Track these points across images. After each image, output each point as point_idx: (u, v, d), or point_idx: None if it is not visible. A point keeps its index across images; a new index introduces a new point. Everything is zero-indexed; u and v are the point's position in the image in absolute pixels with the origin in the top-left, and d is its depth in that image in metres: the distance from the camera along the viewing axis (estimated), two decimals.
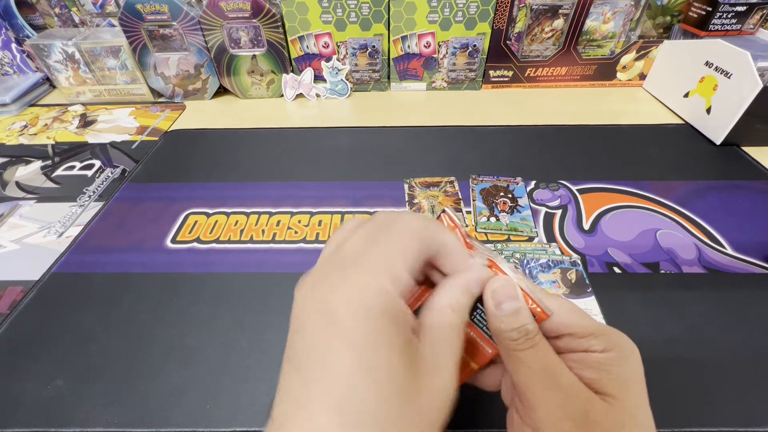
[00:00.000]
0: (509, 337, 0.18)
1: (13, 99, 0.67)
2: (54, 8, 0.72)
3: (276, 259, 0.41)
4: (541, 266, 0.38)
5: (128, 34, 0.63)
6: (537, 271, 0.38)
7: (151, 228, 0.45)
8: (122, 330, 0.35)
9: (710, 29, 0.61)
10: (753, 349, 0.33)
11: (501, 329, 0.18)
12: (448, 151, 0.56)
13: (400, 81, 0.72)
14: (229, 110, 0.69)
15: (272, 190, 0.50)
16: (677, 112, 0.63)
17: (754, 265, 0.39)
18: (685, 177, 0.50)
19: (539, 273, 0.38)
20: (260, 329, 0.35)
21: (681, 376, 0.31)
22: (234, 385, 0.31)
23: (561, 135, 0.59)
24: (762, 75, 0.49)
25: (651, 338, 0.33)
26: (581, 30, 0.65)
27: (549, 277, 0.37)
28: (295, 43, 0.66)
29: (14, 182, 0.53)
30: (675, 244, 0.41)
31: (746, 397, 0.30)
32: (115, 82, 0.69)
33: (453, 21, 0.63)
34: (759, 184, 0.49)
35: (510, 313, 0.18)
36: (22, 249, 0.44)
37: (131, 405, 0.30)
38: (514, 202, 0.47)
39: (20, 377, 0.32)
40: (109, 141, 0.61)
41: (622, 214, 0.45)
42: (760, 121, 0.52)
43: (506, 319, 0.18)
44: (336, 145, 0.58)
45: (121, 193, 0.50)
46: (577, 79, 0.71)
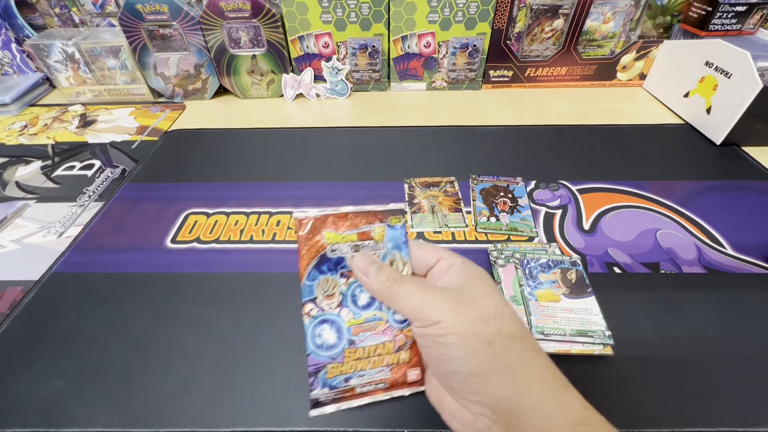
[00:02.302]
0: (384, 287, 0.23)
1: (13, 99, 0.67)
2: (54, 8, 0.72)
3: (276, 259, 0.41)
4: (541, 266, 0.38)
5: (128, 34, 0.63)
6: (537, 271, 0.38)
7: (151, 228, 0.45)
8: (122, 330, 0.35)
9: (710, 29, 0.61)
10: (753, 349, 0.33)
11: (376, 288, 0.24)
12: (448, 151, 0.56)
13: (400, 81, 0.71)
14: (229, 110, 0.69)
15: (272, 190, 0.50)
16: (677, 112, 0.63)
17: (754, 265, 0.39)
18: (685, 177, 0.50)
19: (539, 273, 0.38)
20: (260, 329, 0.35)
21: (681, 376, 0.31)
22: (234, 385, 0.31)
23: (561, 135, 0.59)
24: (762, 75, 0.49)
25: (651, 338, 0.33)
26: (581, 30, 0.65)
27: (549, 277, 0.37)
28: (295, 43, 0.66)
29: (14, 182, 0.53)
30: (675, 244, 0.41)
31: (746, 397, 0.30)
32: (115, 82, 0.69)
33: (453, 21, 0.63)
34: (759, 184, 0.49)
35: (374, 273, 0.24)
36: (22, 249, 0.44)
37: (131, 405, 0.30)
38: (514, 202, 0.47)
39: (20, 377, 0.32)
40: (109, 141, 0.61)
41: (622, 214, 0.45)
42: (760, 121, 0.52)
43: (376, 278, 0.24)
44: (336, 145, 0.58)
45: (121, 193, 0.50)
46: (577, 79, 0.71)
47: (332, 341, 0.25)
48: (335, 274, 0.25)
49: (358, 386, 0.25)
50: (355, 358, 0.25)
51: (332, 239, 0.25)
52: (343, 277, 0.25)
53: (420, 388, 0.26)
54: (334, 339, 0.25)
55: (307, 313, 0.25)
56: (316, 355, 0.25)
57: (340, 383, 0.25)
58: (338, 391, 0.25)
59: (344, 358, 0.25)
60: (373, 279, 0.24)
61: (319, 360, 0.25)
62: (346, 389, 0.25)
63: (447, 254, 0.25)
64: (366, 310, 0.26)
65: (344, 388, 0.25)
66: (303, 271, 0.25)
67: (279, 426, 0.29)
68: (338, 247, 0.25)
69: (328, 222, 0.25)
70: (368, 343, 0.25)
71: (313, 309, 0.25)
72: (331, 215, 0.24)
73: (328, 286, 0.25)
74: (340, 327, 0.25)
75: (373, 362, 0.25)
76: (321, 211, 0.24)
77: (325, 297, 0.25)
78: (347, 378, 0.25)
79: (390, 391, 0.26)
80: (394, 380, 0.26)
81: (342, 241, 0.25)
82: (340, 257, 0.25)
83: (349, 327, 0.25)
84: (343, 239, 0.25)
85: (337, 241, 0.25)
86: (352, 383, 0.25)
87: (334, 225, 0.25)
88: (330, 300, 0.25)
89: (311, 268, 0.25)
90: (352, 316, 0.25)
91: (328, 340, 0.25)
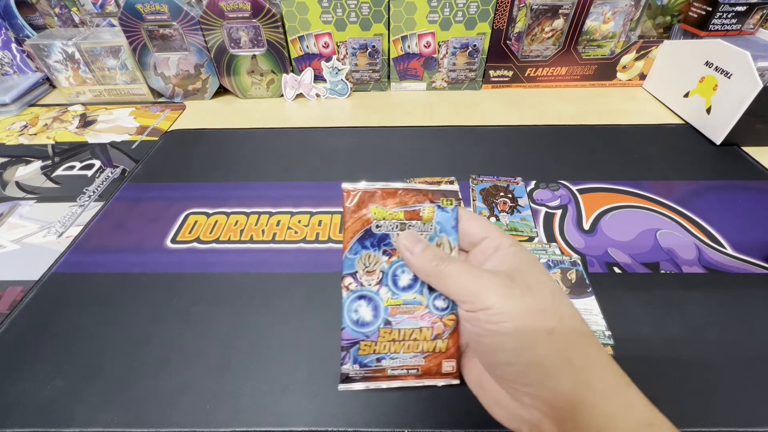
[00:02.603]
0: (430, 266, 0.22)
1: (13, 99, 0.67)
2: (54, 8, 0.72)
3: (276, 259, 0.41)
4: None
5: (128, 34, 0.63)
6: None
7: (151, 228, 0.45)
8: (122, 330, 0.35)
9: (710, 29, 0.61)
10: (753, 349, 0.33)
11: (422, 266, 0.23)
12: (448, 151, 0.56)
13: (400, 81, 0.71)
14: (229, 110, 0.69)
15: (272, 190, 0.50)
16: (677, 112, 0.63)
17: (754, 265, 0.39)
18: (685, 177, 0.50)
19: None
20: (260, 329, 0.35)
21: (681, 376, 0.31)
22: (234, 385, 0.31)
23: (561, 135, 0.59)
24: (762, 75, 0.49)
25: (651, 338, 0.33)
26: (581, 30, 0.64)
27: None
28: (295, 43, 0.66)
29: (14, 182, 0.53)
30: (675, 244, 0.41)
31: (746, 397, 0.30)
32: (115, 82, 0.69)
33: (453, 21, 0.63)
34: (759, 184, 0.49)
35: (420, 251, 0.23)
36: (22, 249, 0.44)
37: (131, 405, 0.30)
38: (514, 202, 0.47)
39: (20, 377, 0.32)
40: (109, 141, 0.61)
41: (622, 214, 0.45)
42: (760, 121, 0.52)
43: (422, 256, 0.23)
44: (336, 145, 0.58)
45: (121, 193, 0.50)
46: (577, 79, 0.71)
47: (368, 318, 0.25)
48: (378, 250, 0.25)
49: (389, 368, 0.25)
50: (389, 339, 0.25)
51: (379, 214, 0.24)
52: (385, 254, 0.25)
53: (454, 381, 0.25)
54: (370, 316, 0.25)
55: (346, 286, 0.25)
56: (350, 330, 0.24)
57: (372, 362, 0.25)
58: (369, 370, 0.25)
59: (378, 338, 0.25)
60: (420, 257, 0.23)
61: (353, 336, 0.24)
62: (377, 369, 0.25)
63: (495, 233, 0.23)
64: (406, 292, 0.25)
65: (375, 367, 0.25)
66: (346, 243, 0.25)
67: (279, 426, 0.29)
68: (384, 224, 0.24)
69: (376, 196, 0.24)
70: (404, 326, 0.25)
71: (352, 283, 0.25)
72: (380, 190, 0.24)
73: (370, 262, 0.25)
74: (377, 305, 0.25)
75: (408, 346, 0.25)
76: (370, 185, 0.24)
77: (366, 273, 0.25)
78: (379, 358, 0.25)
79: (422, 379, 0.25)
80: (427, 368, 0.25)
81: (388, 218, 0.24)
82: (385, 234, 0.25)
83: (387, 307, 0.25)
84: (389, 215, 0.24)
85: (384, 216, 0.24)
86: (384, 364, 0.25)
87: (382, 200, 0.24)
88: (370, 276, 0.25)
89: (354, 242, 0.25)
90: (390, 296, 0.25)
91: (364, 316, 0.25)
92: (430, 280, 0.23)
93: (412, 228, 0.24)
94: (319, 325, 0.35)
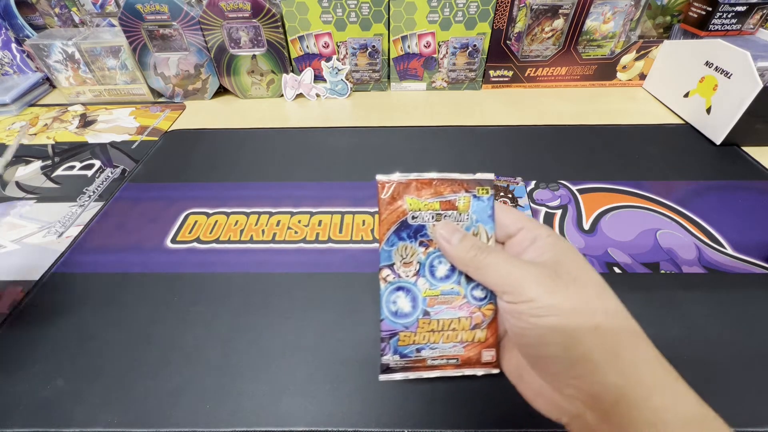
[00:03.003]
0: (469, 256, 0.22)
1: (13, 99, 0.67)
2: (54, 8, 0.72)
3: (276, 259, 0.41)
4: None
5: (128, 34, 0.63)
6: None
7: (151, 228, 0.45)
8: (122, 330, 0.35)
9: (710, 29, 0.61)
10: (753, 349, 0.33)
11: (461, 256, 0.22)
12: (448, 151, 0.56)
13: (400, 81, 0.71)
14: (229, 110, 0.69)
15: (272, 190, 0.50)
16: (677, 112, 0.63)
17: (754, 265, 0.39)
18: (685, 177, 0.50)
19: None
20: (260, 329, 0.35)
21: (681, 376, 0.31)
22: (234, 385, 0.31)
23: (561, 135, 0.59)
24: (762, 75, 0.49)
25: (651, 338, 0.33)
26: (581, 30, 0.65)
27: None
28: (295, 43, 0.66)
29: (14, 182, 0.53)
30: (675, 244, 0.41)
31: (746, 397, 0.30)
32: (115, 82, 0.69)
33: (453, 21, 0.63)
34: (759, 184, 0.49)
35: (458, 241, 0.23)
36: (22, 249, 0.44)
37: (131, 405, 0.30)
38: (514, 202, 0.47)
39: (20, 377, 0.32)
40: (109, 141, 0.61)
41: (622, 214, 0.45)
42: (760, 121, 0.52)
43: (460, 246, 0.22)
44: (336, 145, 0.58)
45: (121, 193, 0.50)
46: (577, 79, 0.71)
47: (407, 310, 0.25)
48: (414, 242, 0.25)
49: (429, 358, 0.25)
50: (428, 329, 0.25)
51: (414, 206, 0.24)
52: (422, 245, 0.25)
53: (494, 371, 0.25)
54: (408, 308, 0.25)
55: (384, 278, 0.25)
56: (389, 321, 0.25)
57: (412, 353, 0.25)
58: (409, 360, 0.25)
59: (417, 328, 0.25)
60: (458, 247, 0.22)
61: (393, 327, 0.25)
62: (417, 359, 0.25)
63: (531, 224, 0.23)
64: (443, 282, 0.25)
65: (415, 358, 0.25)
66: (382, 236, 0.25)
67: (279, 426, 0.29)
68: (420, 215, 0.24)
69: (411, 188, 0.24)
70: (443, 316, 0.25)
71: (389, 275, 0.25)
72: (415, 181, 0.24)
73: (407, 254, 0.25)
74: (415, 296, 0.25)
75: (447, 336, 0.25)
76: (404, 176, 0.24)
77: (403, 264, 0.25)
78: (419, 348, 0.25)
79: (462, 368, 0.25)
80: (467, 358, 0.25)
81: (424, 209, 0.24)
82: (421, 225, 0.25)
83: (425, 297, 0.25)
84: (425, 206, 0.24)
85: (419, 207, 0.24)
86: (424, 354, 0.25)
87: (417, 191, 0.24)
88: (407, 268, 0.25)
89: (390, 234, 0.25)
90: (428, 286, 0.25)
91: (403, 308, 0.25)
92: (469, 270, 0.23)
93: (448, 218, 0.24)
94: (320, 326, 0.35)
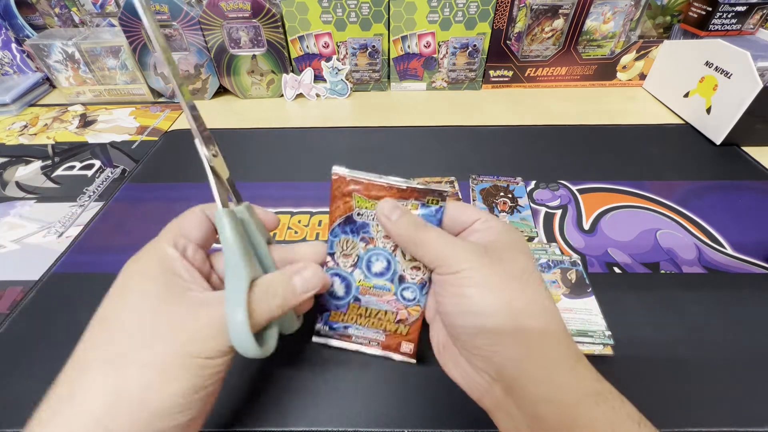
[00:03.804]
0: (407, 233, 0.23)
1: (13, 99, 0.67)
2: (54, 8, 0.72)
3: None
4: (541, 266, 0.38)
5: (128, 34, 0.63)
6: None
7: (151, 228, 0.44)
8: None
9: (710, 29, 0.61)
10: (753, 349, 0.33)
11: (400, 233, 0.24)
12: (448, 151, 0.56)
13: (400, 81, 0.71)
14: (229, 110, 0.68)
15: (272, 190, 0.50)
16: (677, 112, 0.63)
17: (754, 265, 0.39)
18: (685, 177, 0.50)
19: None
20: None
21: (681, 376, 0.31)
22: (234, 385, 0.31)
23: (561, 135, 0.59)
24: (762, 75, 0.49)
25: (651, 338, 0.33)
26: (581, 30, 0.65)
27: (549, 277, 0.37)
28: (295, 43, 0.66)
29: (14, 182, 0.53)
30: (675, 244, 0.41)
31: (746, 397, 0.30)
32: (115, 82, 0.69)
33: (453, 21, 0.63)
34: (759, 184, 0.49)
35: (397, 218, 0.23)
36: (22, 249, 0.44)
37: None
38: (514, 202, 0.47)
39: (20, 377, 0.32)
40: (109, 141, 0.61)
41: (622, 214, 0.45)
42: (760, 121, 0.52)
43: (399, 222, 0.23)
44: (336, 145, 0.58)
45: (121, 193, 0.50)
46: (577, 79, 0.71)
47: (340, 294, 0.28)
48: (357, 237, 0.26)
49: (354, 336, 0.29)
50: (357, 313, 0.28)
51: (361, 204, 0.25)
52: (363, 241, 0.26)
53: (411, 360, 0.28)
54: (342, 292, 0.28)
55: (325, 263, 0.27)
56: (325, 299, 0.28)
57: (340, 328, 0.29)
58: (336, 333, 0.29)
59: (348, 310, 0.28)
60: (397, 223, 0.23)
61: (326, 304, 0.28)
62: (344, 334, 0.29)
63: (486, 215, 0.24)
64: (377, 278, 0.27)
65: (342, 333, 0.29)
66: (330, 225, 0.26)
67: (280, 426, 0.29)
68: (365, 213, 0.26)
69: (362, 186, 0.25)
70: (372, 306, 0.28)
71: (330, 262, 0.27)
72: (366, 181, 0.25)
73: (348, 246, 0.27)
74: (349, 284, 0.27)
75: (372, 323, 0.28)
76: (357, 174, 0.25)
77: (343, 255, 0.27)
78: (346, 326, 0.28)
79: (383, 351, 0.28)
80: (387, 344, 0.28)
81: (370, 208, 0.25)
82: (365, 222, 0.26)
83: (358, 286, 0.27)
84: (371, 206, 0.25)
85: (366, 207, 0.25)
86: (350, 332, 0.29)
87: (367, 191, 0.25)
88: (346, 259, 0.27)
89: (336, 225, 0.26)
90: (363, 278, 0.27)
91: (337, 291, 0.28)
92: (408, 246, 0.24)
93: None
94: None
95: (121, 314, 0.20)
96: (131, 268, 0.22)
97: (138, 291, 0.20)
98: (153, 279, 0.21)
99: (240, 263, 0.21)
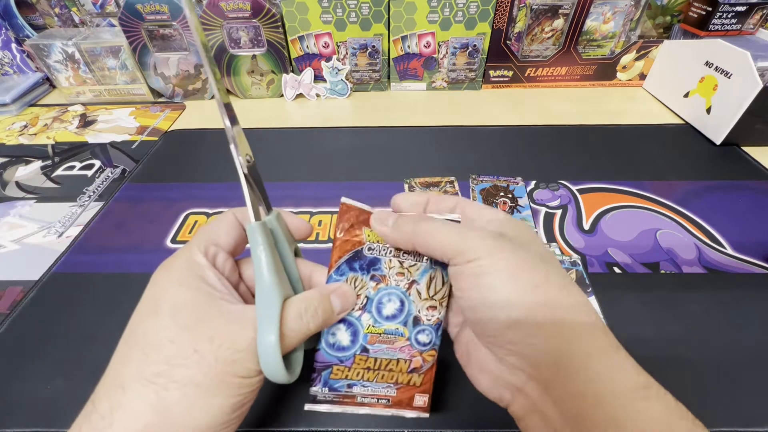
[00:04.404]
0: (408, 231, 0.22)
1: (13, 99, 0.67)
2: (54, 8, 0.72)
3: None
4: None
5: (128, 34, 0.63)
6: None
7: (151, 228, 0.45)
8: (122, 330, 0.35)
9: (710, 29, 0.61)
10: (753, 349, 0.33)
11: (400, 236, 0.22)
12: (448, 151, 0.56)
13: (400, 81, 0.71)
14: None
15: (273, 190, 0.49)
16: (677, 112, 0.63)
17: (754, 265, 0.39)
18: (685, 177, 0.50)
19: None
20: None
21: (681, 376, 0.31)
22: None
23: (561, 135, 0.59)
24: (762, 75, 0.49)
25: (651, 338, 0.33)
26: (581, 30, 0.65)
27: None
28: (295, 43, 0.66)
29: (14, 182, 0.53)
30: (675, 244, 0.41)
31: (746, 397, 0.30)
32: (115, 82, 0.69)
33: (453, 21, 0.63)
34: (759, 184, 0.49)
35: (393, 222, 0.22)
36: (22, 249, 0.44)
37: None
38: (514, 202, 0.47)
39: (20, 377, 0.32)
40: (109, 141, 0.61)
41: (622, 214, 0.45)
42: (760, 121, 0.52)
43: (397, 225, 0.22)
44: (336, 145, 0.58)
45: (121, 193, 0.50)
46: (577, 79, 0.71)
47: (345, 343, 0.23)
48: (366, 274, 0.23)
49: (359, 395, 0.24)
50: (364, 366, 0.24)
51: (373, 237, 0.23)
52: (373, 280, 0.23)
53: (424, 414, 0.24)
54: (347, 342, 0.23)
55: None
56: (325, 352, 0.23)
57: (343, 387, 0.24)
58: (338, 395, 0.24)
59: (353, 364, 0.23)
60: (395, 227, 0.22)
61: (327, 359, 0.23)
62: (347, 395, 0.24)
63: (493, 209, 0.23)
64: (389, 321, 0.23)
65: (345, 393, 0.24)
66: (333, 262, 0.23)
67: (279, 426, 0.29)
68: (376, 247, 0.23)
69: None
70: (382, 355, 0.24)
71: None
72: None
73: (356, 286, 0.23)
74: (356, 331, 0.23)
75: (382, 376, 0.24)
76: (367, 207, 0.23)
77: None
78: (351, 384, 0.24)
79: (391, 408, 0.24)
80: (398, 400, 0.24)
81: (382, 242, 0.23)
82: (376, 258, 0.23)
83: (367, 334, 0.23)
84: (384, 240, 0.23)
85: (378, 240, 0.23)
86: (355, 391, 0.24)
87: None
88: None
89: (342, 262, 0.23)
90: (372, 323, 0.23)
91: (341, 341, 0.23)
92: (414, 245, 0.22)
93: (406, 258, 0.24)
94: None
95: (156, 329, 0.19)
96: (162, 276, 0.21)
97: (171, 304, 0.20)
98: (186, 290, 0.20)
99: (273, 284, 0.20)
